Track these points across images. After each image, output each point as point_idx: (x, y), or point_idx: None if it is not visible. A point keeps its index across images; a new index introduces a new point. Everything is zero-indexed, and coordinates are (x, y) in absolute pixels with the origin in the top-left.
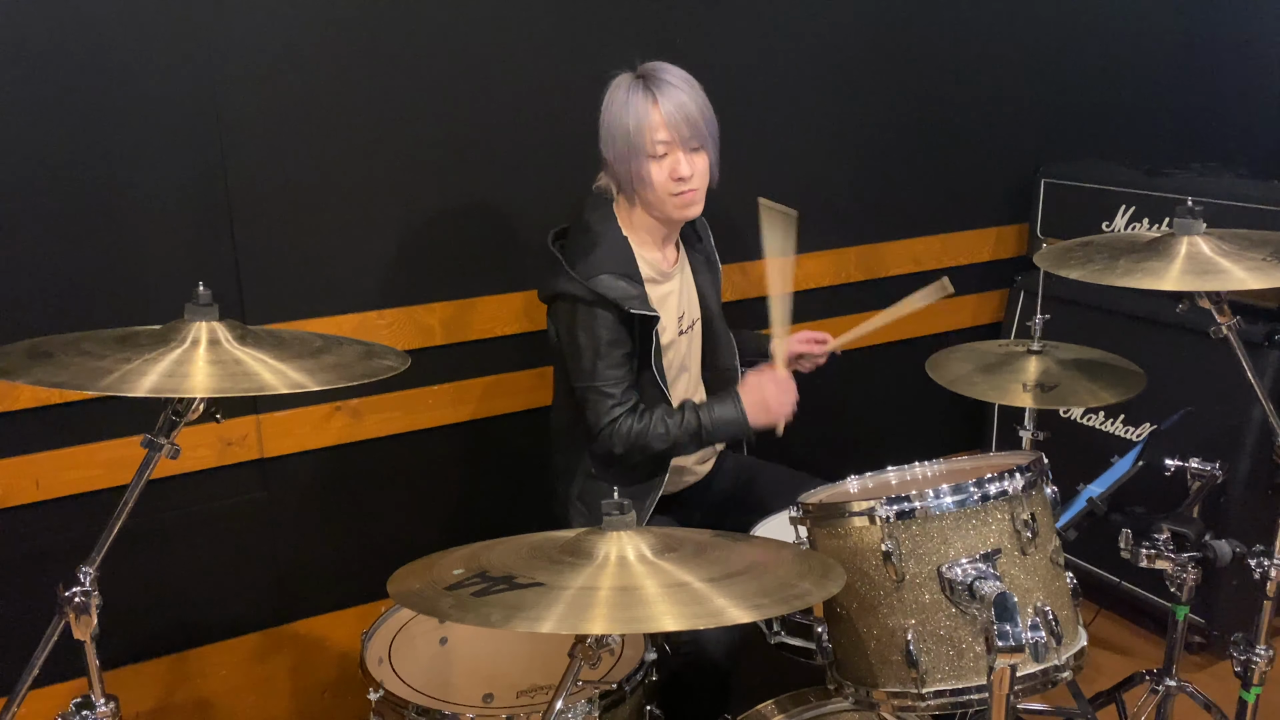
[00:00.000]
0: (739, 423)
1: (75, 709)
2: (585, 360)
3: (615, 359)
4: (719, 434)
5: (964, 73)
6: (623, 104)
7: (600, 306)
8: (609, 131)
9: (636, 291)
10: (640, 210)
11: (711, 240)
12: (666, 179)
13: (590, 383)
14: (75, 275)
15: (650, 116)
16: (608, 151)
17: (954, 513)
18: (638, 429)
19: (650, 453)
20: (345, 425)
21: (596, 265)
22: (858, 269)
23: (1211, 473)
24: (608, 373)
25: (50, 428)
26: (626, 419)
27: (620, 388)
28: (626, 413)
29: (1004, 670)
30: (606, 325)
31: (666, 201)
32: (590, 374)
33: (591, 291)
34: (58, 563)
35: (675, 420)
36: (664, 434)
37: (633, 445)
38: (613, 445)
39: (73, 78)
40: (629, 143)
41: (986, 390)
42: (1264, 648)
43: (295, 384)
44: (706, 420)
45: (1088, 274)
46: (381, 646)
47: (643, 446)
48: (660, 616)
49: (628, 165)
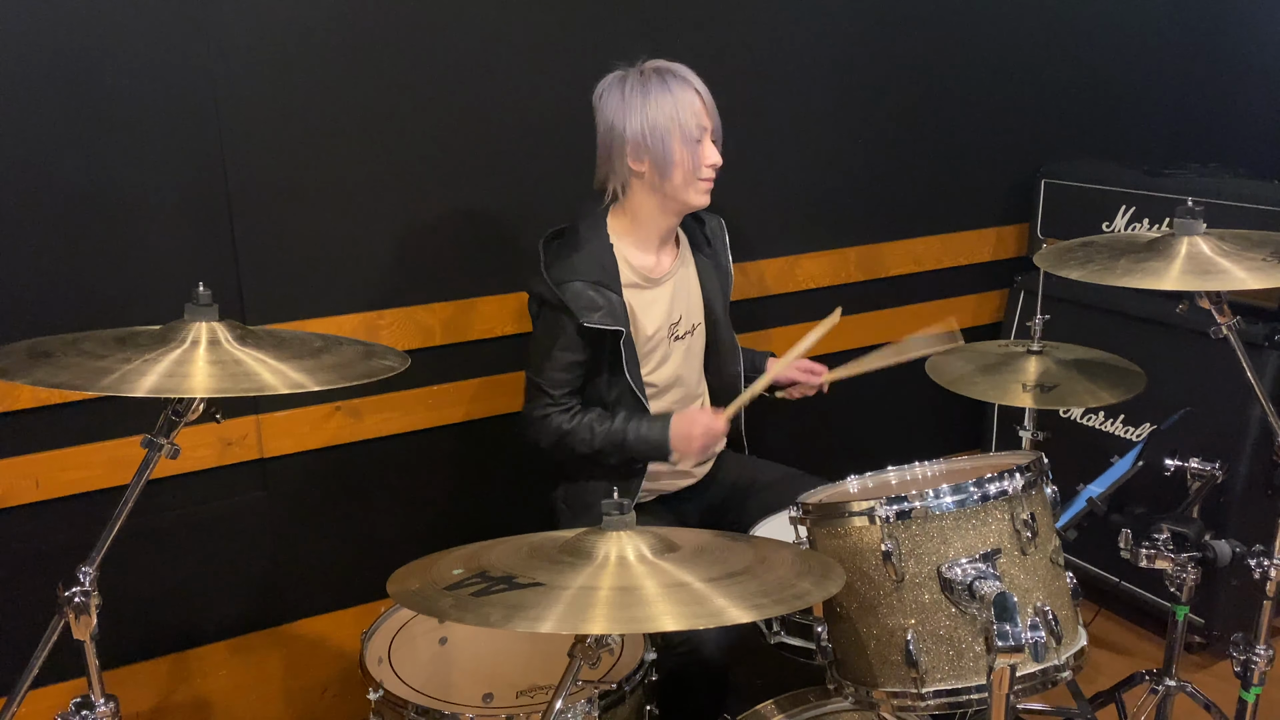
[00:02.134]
0: (660, 446)
1: (75, 709)
2: (536, 356)
3: (563, 363)
4: (638, 450)
5: (964, 73)
6: (660, 89)
7: (563, 313)
8: (646, 120)
9: (604, 303)
10: (651, 206)
11: (726, 242)
12: (700, 164)
13: (534, 376)
14: (75, 275)
15: (695, 101)
16: (643, 138)
17: (954, 513)
18: (566, 429)
19: (574, 454)
20: (345, 425)
21: (571, 271)
22: (858, 269)
23: (1211, 473)
24: (552, 374)
25: (50, 428)
26: (558, 416)
27: (560, 391)
28: (559, 411)
29: (1004, 670)
30: (564, 331)
31: (692, 186)
32: (537, 369)
33: (557, 297)
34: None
35: (604, 428)
36: (588, 439)
37: (557, 442)
38: (538, 438)
39: (73, 77)
40: (678, 127)
41: (986, 390)
42: (1264, 647)
43: (295, 384)
44: (633, 435)
45: (1088, 274)
46: (381, 646)
47: (567, 446)
48: (660, 616)
49: (668, 152)
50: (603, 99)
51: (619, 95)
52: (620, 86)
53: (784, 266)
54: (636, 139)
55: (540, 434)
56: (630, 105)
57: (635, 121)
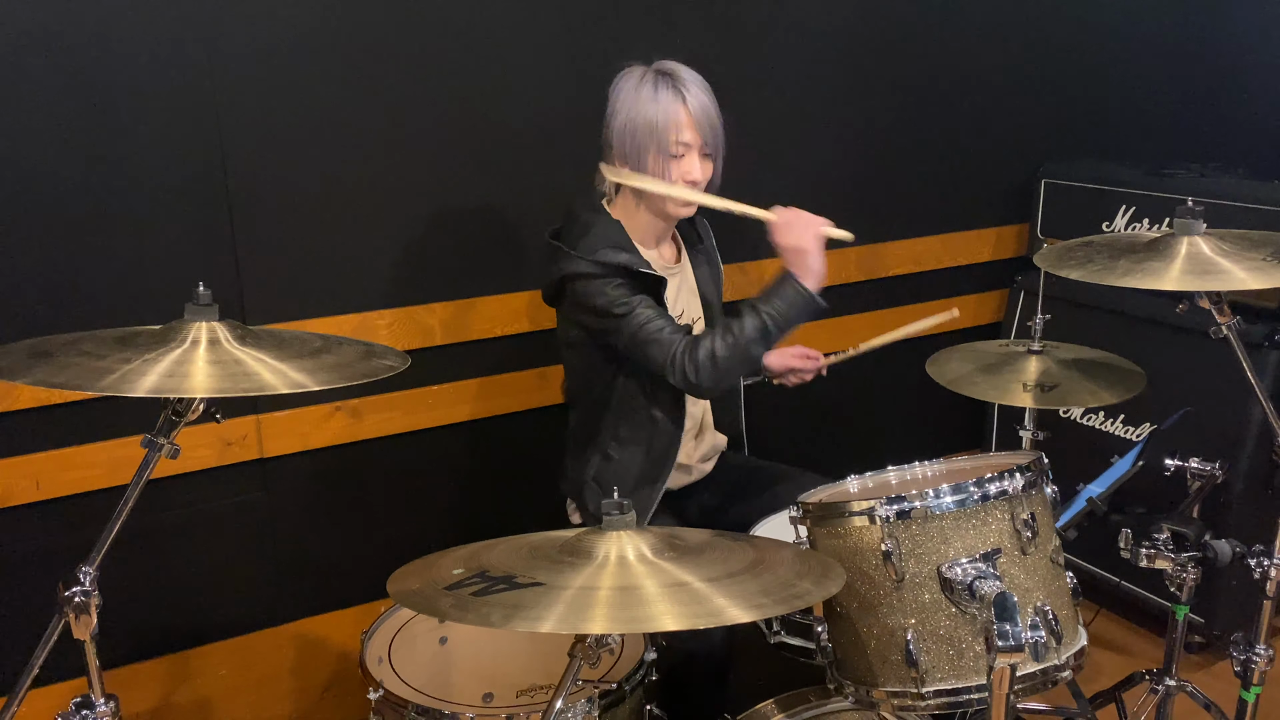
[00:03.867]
0: (799, 292)
1: (75, 709)
2: (627, 322)
3: (648, 304)
4: (792, 313)
5: (964, 73)
6: (650, 97)
7: (610, 274)
8: (628, 122)
9: (638, 260)
10: (641, 208)
11: (713, 239)
12: (679, 179)
13: (636, 333)
14: (75, 275)
15: (679, 115)
16: (622, 141)
17: (954, 512)
18: (710, 345)
19: (736, 361)
20: (345, 425)
21: (597, 242)
22: (858, 269)
23: (1211, 473)
24: (645, 311)
25: (50, 428)
26: (692, 344)
27: (665, 320)
28: (687, 340)
29: (1004, 670)
30: (620, 287)
31: (667, 200)
32: (629, 323)
33: (597, 263)
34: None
35: (738, 326)
36: (736, 338)
37: (714, 365)
38: (698, 377)
39: (73, 77)
40: (652, 136)
41: (986, 390)
42: (1264, 647)
43: (295, 384)
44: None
45: (1088, 274)
46: (381, 646)
47: (727, 360)
48: (660, 616)
49: (643, 158)
50: (610, 92)
51: (618, 93)
52: (622, 84)
53: None
54: (616, 142)
55: (694, 369)
56: (620, 107)
57: (618, 125)
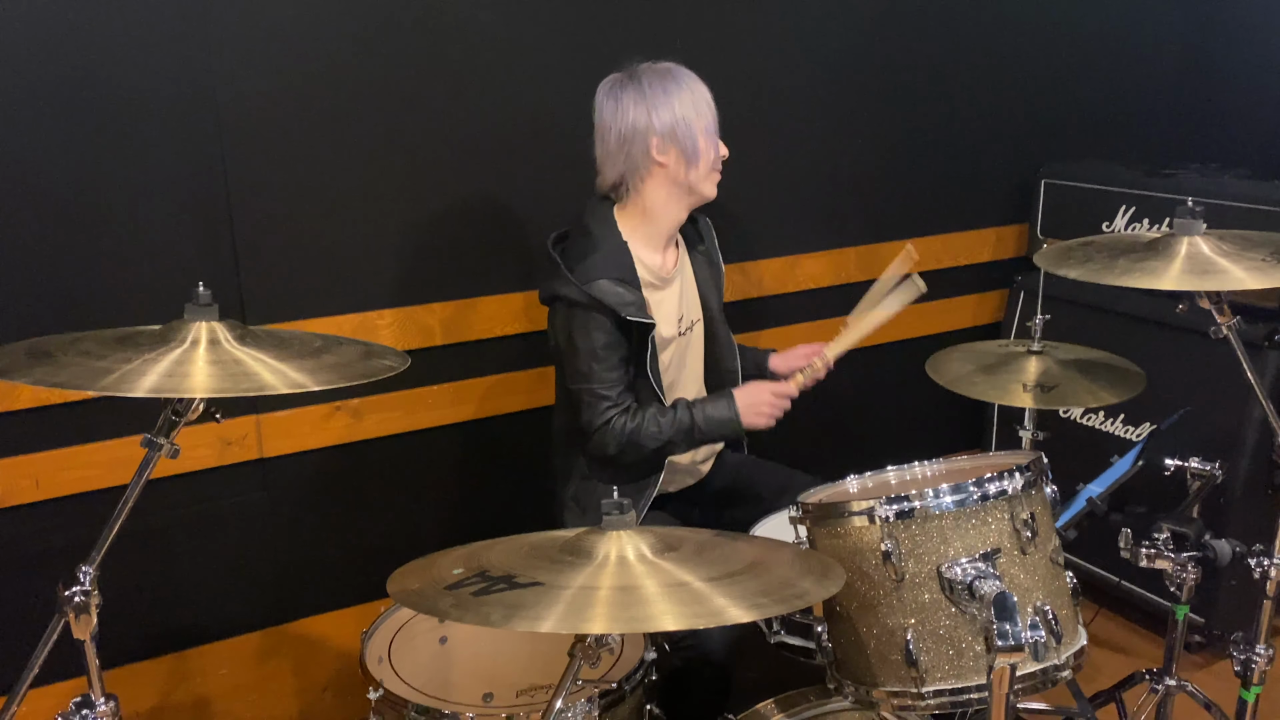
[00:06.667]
0: (730, 422)
1: (75, 708)
2: (581, 362)
3: (612, 362)
4: (709, 432)
5: (964, 73)
6: (678, 85)
7: (597, 311)
8: (678, 119)
9: (633, 298)
10: (663, 201)
11: (715, 241)
12: (717, 156)
13: (586, 384)
14: (75, 275)
15: (709, 96)
16: (677, 139)
17: (953, 512)
18: (630, 428)
19: (643, 452)
20: (345, 425)
21: (595, 270)
22: (858, 269)
23: (1211, 473)
24: (604, 375)
25: (50, 428)
26: (620, 418)
27: (616, 390)
28: (620, 413)
29: (1004, 669)
30: (603, 329)
31: (709, 178)
32: (586, 376)
33: (589, 296)
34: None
35: (668, 419)
36: (656, 433)
37: (626, 444)
38: (606, 446)
39: (72, 77)
40: (707, 123)
41: (986, 390)
42: (1264, 647)
43: (295, 384)
44: (700, 418)
45: (1087, 274)
46: (381, 646)
47: (636, 445)
48: (660, 616)
49: (695, 146)
50: (614, 97)
51: (636, 91)
52: (633, 84)
53: (784, 266)
54: (667, 130)
55: (608, 441)
56: (654, 99)
57: (664, 114)
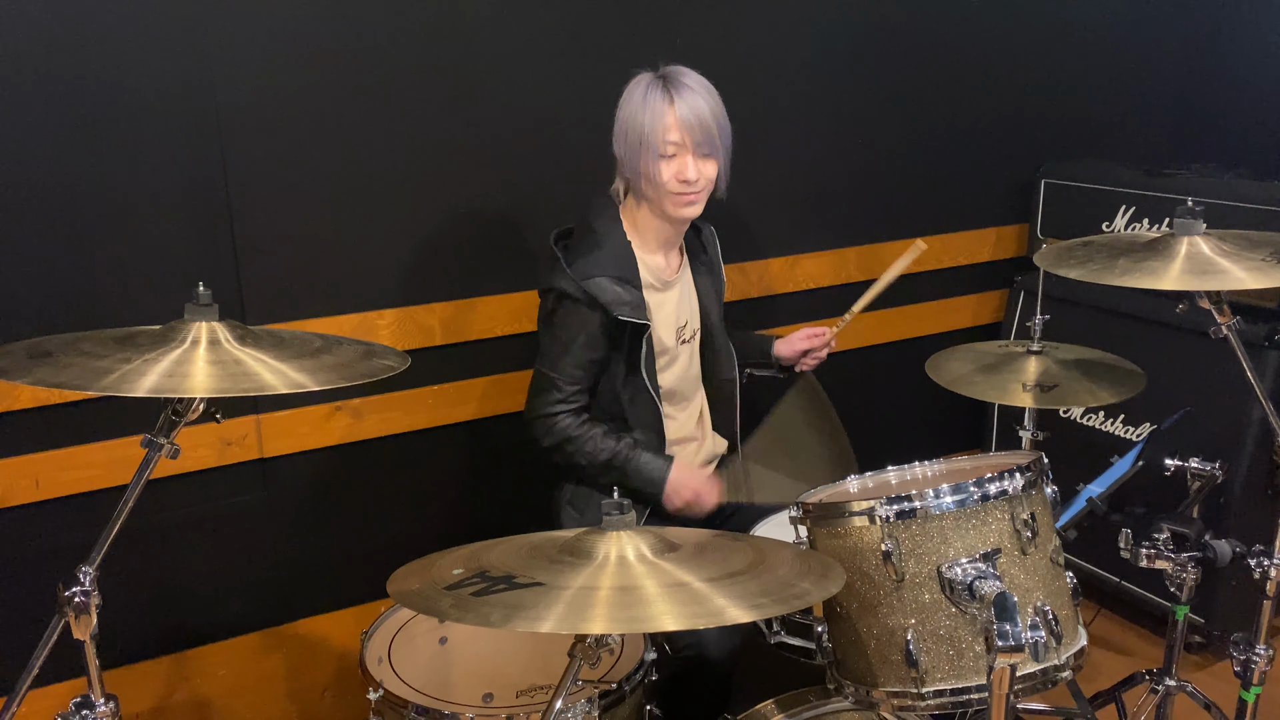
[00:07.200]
0: (656, 484)
1: (75, 709)
2: (553, 349)
3: (582, 360)
4: (634, 480)
5: (964, 73)
6: (640, 101)
7: (589, 308)
8: (623, 126)
9: (630, 298)
10: (645, 210)
11: (718, 250)
12: (671, 179)
13: (547, 370)
14: (75, 275)
15: (665, 117)
16: (619, 146)
17: (954, 512)
18: (573, 434)
19: (571, 460)
20: (345, 425)
21: (595, 267)
22: (858, 269)
23: (1211, 473)
24: (568, 370)
25: (50, 428)
26: (567, 418)
27: (573, 387)
28: (569, 413)
29: (1004, 670)
30: (589, 327)
31: (666, 199)
32: (551, 363)
33: (584, 292)
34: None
35: (609, 445)
36: (591, 451)
37: (560, 444)
38: (540, 435)
39: (72, 77)
40: (641, 139)
41: (986, 390)
42: (1264, 647)
43: (295, 384)
44: (634, 463)
45: (1087, 274)
46: (381, 646)
47: (568, 452)
48: (660, 616)
49: (636, 160)
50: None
51: (621, 101)
52: (627, 91)
53: (785, 266)
54: (618, 153)
55: (544, 432)
56: (620, 112)
57: (618, 128)
